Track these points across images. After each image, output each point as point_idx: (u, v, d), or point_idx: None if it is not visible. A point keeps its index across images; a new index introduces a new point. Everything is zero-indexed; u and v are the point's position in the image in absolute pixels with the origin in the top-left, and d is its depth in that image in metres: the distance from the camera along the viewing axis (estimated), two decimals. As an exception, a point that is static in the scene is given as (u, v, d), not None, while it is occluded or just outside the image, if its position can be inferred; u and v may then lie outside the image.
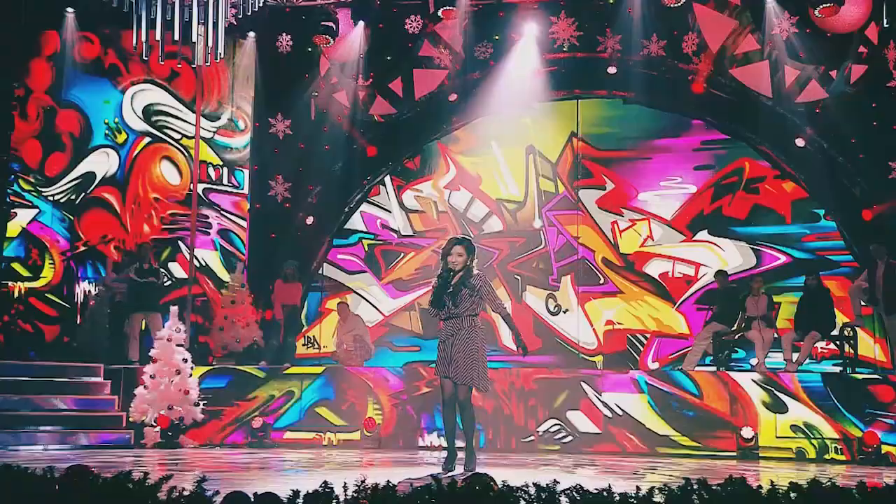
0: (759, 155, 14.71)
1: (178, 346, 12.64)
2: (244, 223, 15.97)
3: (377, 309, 15.71)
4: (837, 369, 13.15)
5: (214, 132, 15.97)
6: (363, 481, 4.22)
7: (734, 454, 11.92)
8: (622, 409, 12.47)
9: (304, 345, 15.60)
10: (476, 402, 12.55)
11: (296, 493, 4.18)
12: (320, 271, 15.90)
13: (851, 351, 13.09)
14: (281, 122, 15.91)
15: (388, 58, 15.81)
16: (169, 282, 15.19)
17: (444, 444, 8.96)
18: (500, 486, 4.38)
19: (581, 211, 15.29)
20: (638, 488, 4.55)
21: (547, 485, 4.40)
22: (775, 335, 13.31)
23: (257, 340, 14.70)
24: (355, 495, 4.07)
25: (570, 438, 12.53)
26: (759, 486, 4.58)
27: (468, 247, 8.49)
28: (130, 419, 12.63)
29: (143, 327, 14.20)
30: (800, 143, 14.38)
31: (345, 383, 13.19)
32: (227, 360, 14.21)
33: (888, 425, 11.62)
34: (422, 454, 11.91)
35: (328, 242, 15.86)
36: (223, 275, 15.61)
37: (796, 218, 14.57)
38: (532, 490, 4.38)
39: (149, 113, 15.84)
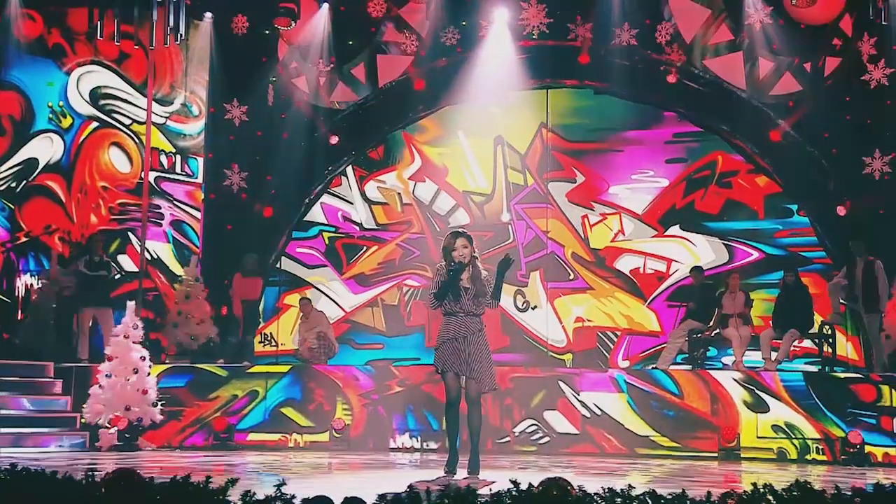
0: (732, 148, 14.73)
1: (134, 343, 12.24)
2: (198, 214, 15.59)
3: (338, 305, 15.45)
4: (811, 368, 13.21)
5: (167, 118, 15.55)
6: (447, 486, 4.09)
7: (715, 455, 11.88)
8: (601, 409, 12.39)
9: (260, 342, 15.27)
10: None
11: (382, 497, 4.14)
12: (278, 265, 15.55)
13: (830, 350, 13.15)
14: (237, 108, 15.52)
15: (350, 42, 15.52)
16: (119, 275, 14.72)
17: (421, 446, 8.76)
18: (577, 491, 4.26)
19: (550, 204, 15.17)
20: (709, 493, 4.54)
21: (622, 490, 4.39)
22: (752, 333, 13.31)
23: (213, 337, 14.32)
24: (438, 501, 3.92)
25: (546, 439, 12.44)
26: (823, 490, 4.56)
27: (469, 237, 8.35)
28: (84, 420, 12.21)
29: (91, 323, 13.75)
30: (775, 136, 14.38)
31: (312, 382, 12.93)
32: (181, 359, 13.83)
33: (870, 425, 11.68)
34: (394, 457, 11.72)
35: (287, 235, 15.51)
36: (176, 268, 15.21)
37: (769, 213, 14.63)
38: (606, 494, 4.35)
39: (96, 96, 15.36)
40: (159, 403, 12.31)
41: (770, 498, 4.47)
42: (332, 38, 15.29)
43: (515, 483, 4.33)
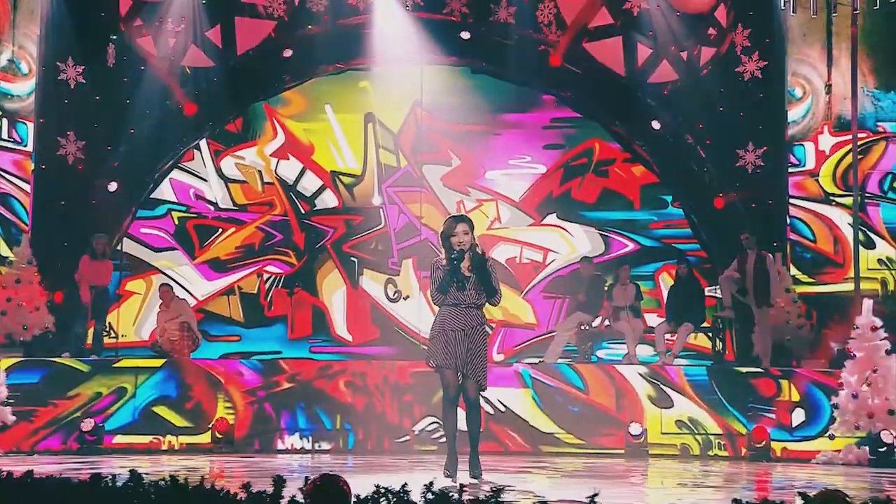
0: (610, 136, 15.13)
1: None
2: (27, 187, 14.51)
3: (189, 293, 14.82)
4: (686, 362, 13.78)
5: (-9, 75, 14.37)
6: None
7: (622, 452, 12.19)
8: (504, 405, 12.46)
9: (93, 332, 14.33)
10: (344, 398, 12.23)
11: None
12: (119, 247, 14.68)
13: (720, 344, 13.78)
14: (72, 68, 14.49)
15: (205, 1, 14.79)
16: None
17: (312, 447, 8.55)
18: None
19: (425, 188, 15.09)
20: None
21: None
22: (644, 326, 13.76)
23: (49, 327, 13.36)
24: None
25: (447, 438, 12.32)
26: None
27: (470, 222, 8.18)
28: None
29: None
30: (655, 125, 14.86)
31: (189, 378, 12.39)
32: (12, 351, 12.82)
33: (770, 420, 12.31)
34: (282, 458, 11.39)
35: (132, 214, 14.68)
36: (3, 249, 14.09)
37: (645, 204, 15.13)
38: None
39: None
40: (9, 402, 11.43)
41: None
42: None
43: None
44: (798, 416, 12.34)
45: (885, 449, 11.55)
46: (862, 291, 14.07)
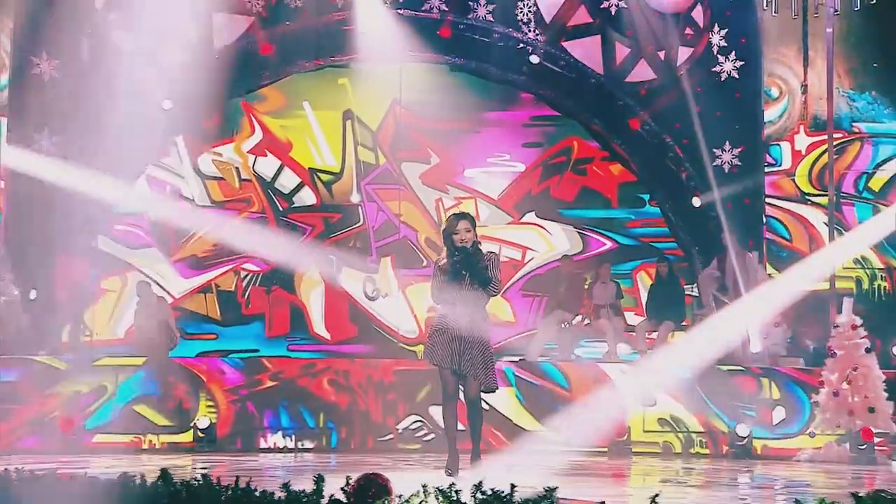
0: (589, 134, 15.21)
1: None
2: (0, 183, 14.29)
3: (166, 290, 14.69)
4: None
5: (-39, 69, 14.22)
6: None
7: (605, 450, 12.27)
8: (488, 403, 12.41)
9: (68, 331, 14.21)
10: (329, 397, 12.24)
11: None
12: (93, 244, 14.56)
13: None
14: (46, 62, 14.35)
15: (182, -4, 14.71)
16: None
17: (296, 446, 8.58)
18: None
19: (403, 186, 15.11)
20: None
21: None
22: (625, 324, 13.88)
23: (22, 326, 13.23)
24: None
25: (431, 436, 12.39)
26: None
27: (472, 219, 8.21)
28: None
29: None
30: (633, 124, 14.98)
31: (171, 377, 12.28)
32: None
33: (750, 417, 12.45)
34: (264, 458, 11.37)
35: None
36: (-27, 245, 13.93)
37: (622, 202, 15.24)
38: None
39: None
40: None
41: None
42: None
43: None
44: (779, 413, 12.50)
45: (865, 447, 11.73)
46: (837, 290, 14.30)
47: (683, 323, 14.01)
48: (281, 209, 14.93)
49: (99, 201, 14.44)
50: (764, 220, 14.78)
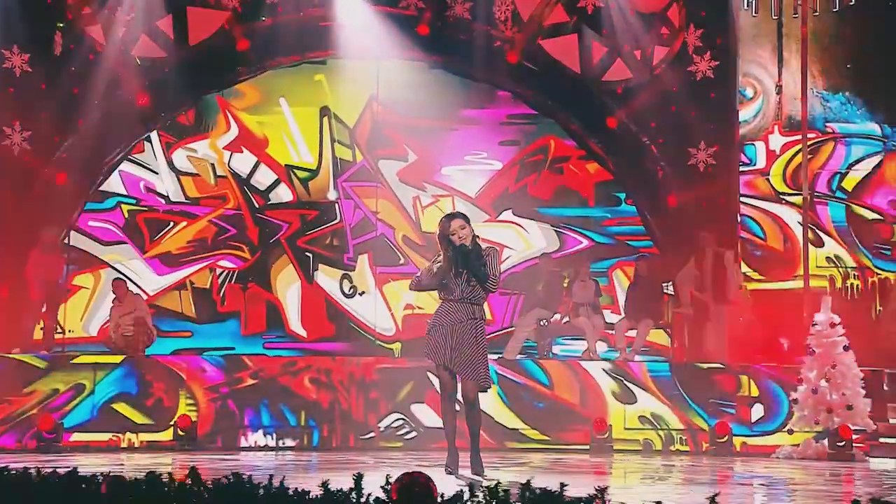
0: (566, 133, 15.27)
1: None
2: (-30, 178, 14.10)
3: (140, 287, 14.54)
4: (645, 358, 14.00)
5: (-70, 62, 13.97)
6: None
7: (587, 447, 12.32)
8: (470, 402, 12.45)
9: (41, 328, 14.03)
10: (310, 395, 12.19)
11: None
12: (66, 240, 14.39)
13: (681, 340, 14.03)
14: (17, 56, 14.19)
15: (157, -11, 14.58)
16: None
17: (277, 444, 8.55)
18: None
19: (381, 183, 15.07)
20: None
21: None
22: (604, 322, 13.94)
23: (-6, 322, 13.10)
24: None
25: (414, 434, 12.39)
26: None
27: (464, 217, 8.23)
28: None
29: None
30: (610, 123, 15.03)
31: (150, 375, 12.23)
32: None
33: (730, 415, 12.57)
34: (245, 456, 11.30)
35: (80, 207, 14.39)
36: (-55, 242, 13.73)
37: (599, 201, 15.31)
38: None
39: None
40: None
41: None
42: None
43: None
44: (757, 411, 12.62)
45: (843, 444, 11.86)
46: (811, 288, 14.45)
47: (661, 321, 14.09)
48: (257, 206, 14.84)
49: (71, 196, 14.35)
50: (739, 218, 14.90)
